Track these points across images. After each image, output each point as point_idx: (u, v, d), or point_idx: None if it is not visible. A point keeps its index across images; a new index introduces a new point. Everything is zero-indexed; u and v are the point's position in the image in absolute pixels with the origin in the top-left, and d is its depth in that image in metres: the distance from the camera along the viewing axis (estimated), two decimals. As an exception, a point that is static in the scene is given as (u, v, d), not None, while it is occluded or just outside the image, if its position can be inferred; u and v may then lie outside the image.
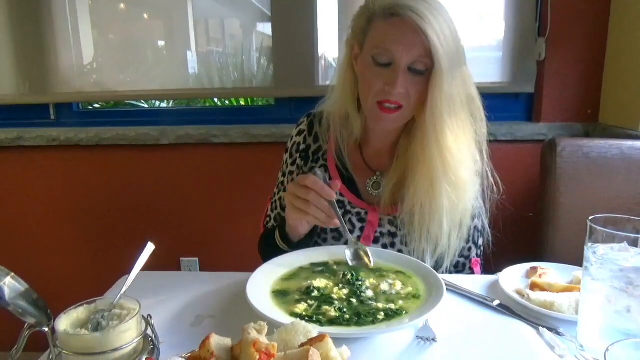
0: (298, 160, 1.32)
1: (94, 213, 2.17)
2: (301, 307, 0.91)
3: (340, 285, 0.99)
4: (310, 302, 0.93)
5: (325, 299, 0.94)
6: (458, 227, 1.17)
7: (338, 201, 1.24)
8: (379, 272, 1.06)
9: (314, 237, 1.24)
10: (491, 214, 1.25)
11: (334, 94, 1.25)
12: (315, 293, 0.96)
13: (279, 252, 1.14)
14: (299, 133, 1.34)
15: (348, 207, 1.24)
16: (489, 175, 1.20)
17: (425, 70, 1.09)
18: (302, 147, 1.32)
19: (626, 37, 1.74)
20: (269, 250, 1.21)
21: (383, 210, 1.22)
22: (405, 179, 1.17)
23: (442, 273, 1.16)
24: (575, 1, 1.83)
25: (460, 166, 1.12)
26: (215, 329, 0.74)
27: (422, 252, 1.17)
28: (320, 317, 0.88)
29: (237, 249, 1.91)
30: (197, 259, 2.18)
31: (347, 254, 1.09)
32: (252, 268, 1.05)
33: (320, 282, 1.00)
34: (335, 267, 1.09)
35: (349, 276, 1.02)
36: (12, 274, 0.72)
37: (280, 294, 0.97)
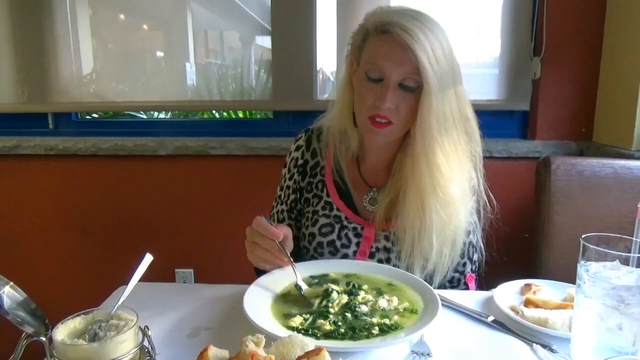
0: (295, 176, 1.33)
1: (91, 222, 2.16)
2: (297, 321, 0.91)
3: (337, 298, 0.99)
4: (305, 315, 0.93)
5: (320, 312, 0.95)
6: (450, 244, 1.17)
7: (335, 215, 1.25)
8: (375, 288, 1.06)
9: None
10: (485, 231, 1.26)
11: (334, 108, 1.28)
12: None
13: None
14: (297, 148, 1.35)
15: (345, 222, 1.25)
16: (484, 195, 1.21)
17: (416, 87, 1.10)
18: (299, 162, 1.33)
19: (620, 57, 1.77)
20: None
21: (378, 225, 1.23)
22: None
23: (435, 288, 1.17)
24: (570, 22, 1.86)
25: (449, 183, 1.13)
26: (211, 341, 0.75)
27: (414, 267, 1.17)
28: (316, 330, 0.88)
29: (232, 261, 1.90)
30: (192, 270, 2.18)
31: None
32: (246, 280, 1.06)
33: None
34: (332, 279, 1.10)
35: (350, 286, 1.02)
36: (11, 283, 0.72)
37: (277, 307, 0.97)
